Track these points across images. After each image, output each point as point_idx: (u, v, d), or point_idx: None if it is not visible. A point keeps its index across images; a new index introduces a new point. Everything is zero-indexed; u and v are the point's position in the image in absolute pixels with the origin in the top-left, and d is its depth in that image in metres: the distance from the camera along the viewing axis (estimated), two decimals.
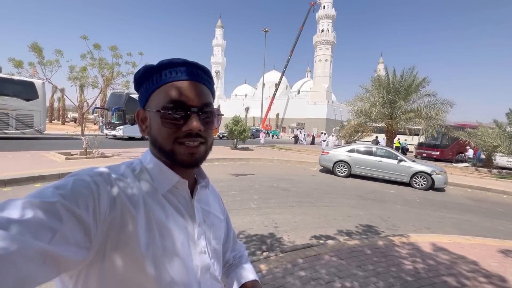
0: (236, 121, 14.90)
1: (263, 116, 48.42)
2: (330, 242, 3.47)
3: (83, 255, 0.41)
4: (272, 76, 63.67)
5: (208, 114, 0.55)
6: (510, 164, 13.54)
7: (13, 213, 0.36)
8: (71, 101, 9.18)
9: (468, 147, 16.71)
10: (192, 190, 0.60)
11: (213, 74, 69.88)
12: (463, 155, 17.49)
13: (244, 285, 0.72)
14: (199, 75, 0.56)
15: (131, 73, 8.58)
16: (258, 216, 4.60)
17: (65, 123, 35.74)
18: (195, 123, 0.52)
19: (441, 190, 8.37)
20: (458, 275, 2.76)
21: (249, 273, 0.75)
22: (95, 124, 28.30)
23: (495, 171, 13.10)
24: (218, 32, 73.24)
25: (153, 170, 0.55)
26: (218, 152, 13.05)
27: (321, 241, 3.61)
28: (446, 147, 17.92)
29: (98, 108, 21.17)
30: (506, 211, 6.46)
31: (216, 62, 71.90)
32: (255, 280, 0.74)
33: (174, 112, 0.52)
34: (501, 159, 14.42)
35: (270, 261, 2.77)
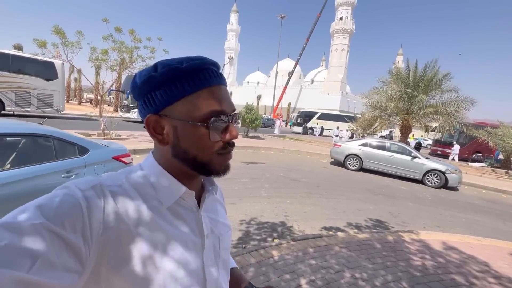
0: (249, 109, 14.91)
1: (275, 105, 48.04)
2: (340, 234, 3.55)
3: (73, 280, 0.36)
4: (286, 65, 62.49)
5: (235, 120, 0.52)
6: None
7: None
8: (90, 82, 9.42)
9: (454, 143, 16.25)
10: (199, 197, 0.55)
11: (226, 60, 69.31)
12: (480, 155, 16.96)
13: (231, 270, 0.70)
14: (222, 76, 0.52)
15: (151, 58, 8.69)
16: (268, 205, 4.72)
17: (81, 103, 36.72)
18: (235, 132, 0.49)
19: (454, 189, 8.24)
20: (467, 274, 2.79)
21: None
22: (109, 105, 28.92)
23: None
24: (233, 17, 71.94)
25: (157, 181, 0.49)
26: None
27: (331, 233, 3.70)
28: (462, 145, 17.39)
29: (113, 90, 21.59)
30: None
31: (229, 48, 71.14)
32: (236, 267, 0.74)
33: (221, 123, 0.48)
34: None
35: (281, 248, 2.88)
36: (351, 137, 18.74)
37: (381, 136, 20.44)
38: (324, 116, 29.15)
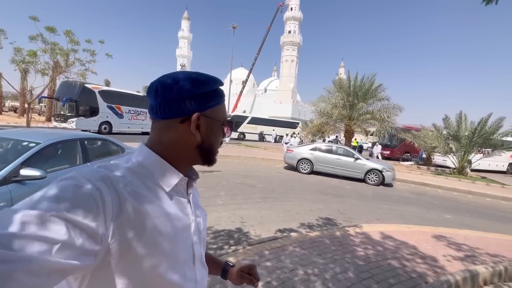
0: None
1: (230, 113, 48.19)
2: (293, 234, 3.71)
3: (89, 261, 0.42)
4: (240, 73, 63.47)
5: None
6: (445, 163, 15.59)
7: (11, 227, 0.35)
8: (14, 88, 8.12)
9: (377, 143, 18.70)
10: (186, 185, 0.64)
11: (179, 67, 67.25)
12: (409, 154, 19.61)
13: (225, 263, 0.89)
14: None
15: (91, 62, 7.90)
16: (225, 212, 4.68)
17: (2, 112, 31.28)
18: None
19: (390, 185, 9.34)
20: (400, 258, 3.19)
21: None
22: (40, 114, 25.30)
23: (433, 168, 15.00)
24: (185, 24, 70.61)
25: (156, 169, 0.56)
26: None
27: (285, 234, 3.84)
28: (395, 147, 19.93)
29: (45, 97, 18.98)
30: (440, 203, 7.51)
31: (181, 55, 69.29)
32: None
33: (232, 125, 0.67)
34: (438, 158, 16.52)
35: (238, 254, 2.88)
36: (300, 143, 19.86)
37: (329, 141, 22.18)
38: (254, 121, 29.27)
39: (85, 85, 15.64)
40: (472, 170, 15.19)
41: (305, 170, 9.95)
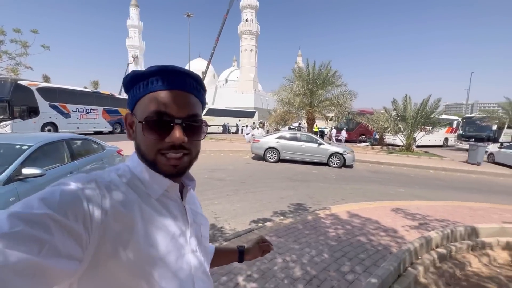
0: None
1: None
2: (268, 224, 3.76)
3: (75, 266, 0.40)
4: (198, 64, 61.25)
5: (194, 125, 0.54)
6: (394, 141, 17.26)
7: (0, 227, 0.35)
8: None
9: (331, 128, 20.16)
10: (180, 192, 0.60)
11: (131, 59, 62.24)
12: (364, 136, 21.22)
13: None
14: (189, 84, 0.55)
15: (23, 55, 6.80)
16: None
17: None
18: (177, 135, 0.51)
19: (350, 166, 10.03)
20: (367, 233, 3.46)
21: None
22: None
23: (385, 148, 16.50)
24: (133, 12, 64.85)
25: (144, 175, 0.54)
26: None
27: (260, 224, 3.88)
28: (352, 130, 21.37)
29: None
30: (393, 179, 8.32)
31: (132, 46, 63.90)
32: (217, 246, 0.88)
33: (157, 123, 0.51)
34: (388, 138, 18.20)
35: None
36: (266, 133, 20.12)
37: (291, 128, 22.88)
38: (211, 112, 28.37)
39: (19, 82, 13.58)
40: (417, 146, 17.08)
41: (272, 158, 10.14)
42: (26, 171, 2.88)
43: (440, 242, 3.35)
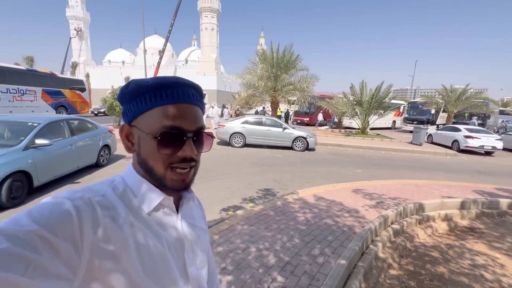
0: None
1: None
2: (239, 212, 3.75)
3: (65, 286, 0.38)
4: (155, 42, 56.64)
5: (201, 137, 0.55)
6: (351, 124, 18.50)
7: None
8: None
9: (320, 113, 21.47)
10: (177, 203, 0.59)
11: (74, 32, 54.63)
12: (318, 120, 22.25)
13: None
14: (193, 96, 0.55)
15: None
16: None
17: None
18: (190, 149, 0.52)
19: (313, 150, 10.48)
20: (333, 215, 3.67)
21: None
22: None
23: (343, 131, 17.59)
24: None
25: (137, 189, 0.53)
26: None
27: (231, 213, 3.85)
28: (313, 114, 22.23)
29: None
30: (351, 160, 8.95)
31: (74, 17, 55.52)
32: None
33: (172, 138, 0.51)
34: (346, 121, 19.41)
35: None
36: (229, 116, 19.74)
37: (256, 112, 22.89)
38: None
39: None
40: (370, 129, 18.57)
41: (238, 144, 10.07)
42: (38, 141, 4.18)
43: (394, 219, 3.72)
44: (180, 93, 0.52)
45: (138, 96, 0.52)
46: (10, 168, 3.73)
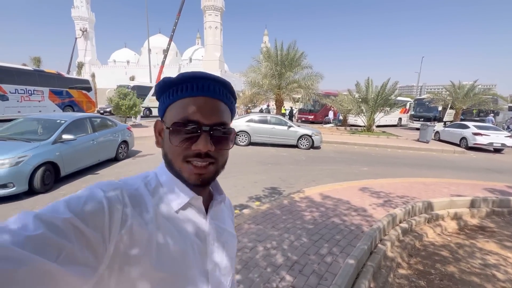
0: (124, 94, 12.72)
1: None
2: (245, 211, 3.75)
3: (90, 274, 0.40)
4: (159, 41, 56.85)
5: (221, 134, 0.53)
6: (356, 122, 18.32)
7: (24, 227, 0.36)
8: None
9: (331, 110, 21.35)
10: (207, 205, 0.59)
11: (79, 33, 55.15)
12: (327, 117, 22.15)
13: None
14: (218, 91, 0.54)
15: None
16: None
17: None
18: (204, 143, 0.50)
19: (318, 148, 10.43)
20: (340, 214, 3.65)
21: None
22: None
23: (348, 128, 17.44)
24: None
25: (168, 186, 0.54)
26: None
27: (237, 211, 3.85)
28: (317, 112, 22.08)
29: None
30: (357, 158, 8.87)
31: (80, 17, 56.08)
32: None
33: (184, 131, 0.50)
34: (351, 119, 19.24)
35: None
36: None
37: (260, 110, 22.85)
38: None
39: None
40: (376, 127, 18.37)
41: (243, 142, 10.06)
42: (65, 136, 4.82)
43: (403, 218, 3.67)
44: (200, 86, 0.52)
45: (164, 92, 0.54)
46: (42, 158, 4.31)
